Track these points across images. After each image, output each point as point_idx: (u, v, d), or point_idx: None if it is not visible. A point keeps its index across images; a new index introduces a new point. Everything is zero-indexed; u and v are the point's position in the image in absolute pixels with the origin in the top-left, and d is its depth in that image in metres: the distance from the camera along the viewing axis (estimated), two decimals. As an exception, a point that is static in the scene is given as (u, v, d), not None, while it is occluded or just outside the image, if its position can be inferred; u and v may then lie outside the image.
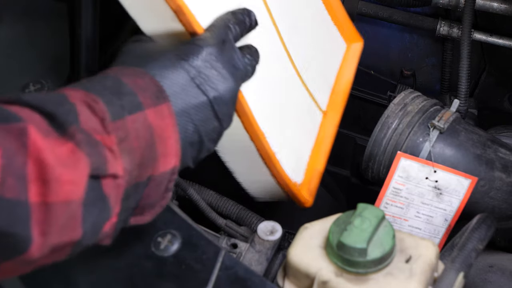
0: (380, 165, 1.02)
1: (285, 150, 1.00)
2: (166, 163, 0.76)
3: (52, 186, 0.63)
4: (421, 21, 1.43)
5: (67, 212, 0.65)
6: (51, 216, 0.63)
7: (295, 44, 1.07)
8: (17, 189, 0.61)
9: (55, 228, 0.64)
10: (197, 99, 0.79)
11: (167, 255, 0.85)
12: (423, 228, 0.99)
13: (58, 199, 0.63)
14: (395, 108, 1.03)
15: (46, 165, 0.62)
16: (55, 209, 0.63)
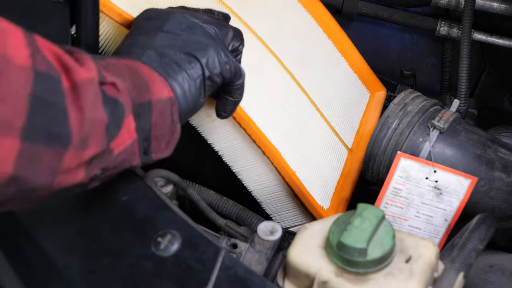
0: (380, 165, 1.02)
1: (314, 182, 1.10)
2: (159, 90, 0.84)
3: (75, 70, 0.72)
4: (421, 21, 1.43)
5: (93, 90, 0.73)
6: (81, 92, 0.71)
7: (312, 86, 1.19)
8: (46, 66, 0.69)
9: (87, 103, 0.72)
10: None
11: (167, 255, 0.85)
12: (423, 228, 0.99)
13: (83, 77, 0.72)
14: (395, 108, 1.02)
15: (63, 57, 0.72)
16: (83, 86, 0.72)
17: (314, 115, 1.16)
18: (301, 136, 1.13)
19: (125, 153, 0.80)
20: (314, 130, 1.15)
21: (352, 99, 1.25)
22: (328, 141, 1.16)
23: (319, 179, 1.11)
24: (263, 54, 1.16)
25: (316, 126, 1.16)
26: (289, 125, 1.12)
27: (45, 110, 0.69)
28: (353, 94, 1.27)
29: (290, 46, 1.21)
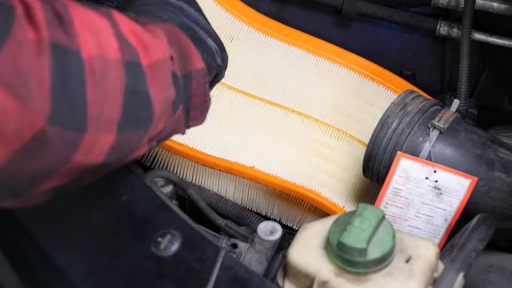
0: (380, 165, 1.02)
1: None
2: (197, 61, 0.87)
3: (151, 48, 0.74)
4: (421, 21, 1.43)
5: (166, 69, 0.77)
6: (159, 72, 0.75)
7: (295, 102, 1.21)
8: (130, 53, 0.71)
9: (163, 83, 0.76)
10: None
11: (167, 255, 0.85)
12: (423, 228, 0.99)
13: (159, 57, 0.75)
14: (395, 108, 1.02)
15: (141, 34, 0.74)
16: (159, 65, 0.75)
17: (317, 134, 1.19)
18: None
19: (175, 124, 0.83)
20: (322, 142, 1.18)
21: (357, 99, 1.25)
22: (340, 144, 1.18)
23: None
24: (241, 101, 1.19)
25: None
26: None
27: (134, 99, 0.71)
28: (362, 94, 1.26)
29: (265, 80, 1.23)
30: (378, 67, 1.30)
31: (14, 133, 0.61)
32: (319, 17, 1.51)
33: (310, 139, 1.17)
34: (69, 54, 0.64)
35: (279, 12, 1.53)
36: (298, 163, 1.13)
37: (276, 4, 1.53)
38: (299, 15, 1.52)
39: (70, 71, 0.64)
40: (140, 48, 0.73)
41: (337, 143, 1.17)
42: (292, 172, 1.12)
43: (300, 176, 1.11)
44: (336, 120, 1.20)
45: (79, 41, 0.65)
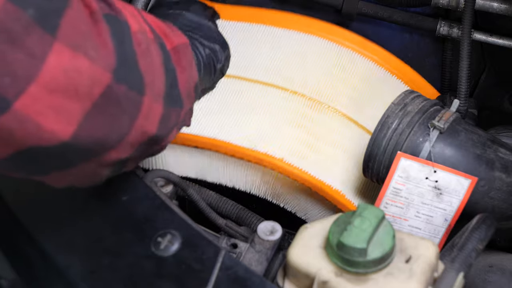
0: (380, 165, 1.02)
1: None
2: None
3: (172, 36, 0.81)
4: (421, 21, 1.43)
5: (189, 52, 0.84)
6: (181, 54, 0.81)
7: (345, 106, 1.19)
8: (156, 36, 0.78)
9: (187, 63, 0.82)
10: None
11: (167, 255, 0.85)
12: (423, 228, 0.99)
13: (180, 41, 0.82)
14: (395, 108, 1.02)
15: (162, 26, 0.82)
16: (181, 48, 0.82)
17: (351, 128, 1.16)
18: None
19: (191, 104, 0.90)
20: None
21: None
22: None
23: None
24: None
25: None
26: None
27: (169, 75, 0.78)
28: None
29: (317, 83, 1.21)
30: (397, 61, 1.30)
31: (86, 90, 0.65)
32: (319, 17, 1.51)
33: (337, 134, 1.14)
34: (121, 23, 0.70)
35: (279, 12, 1.53)
36: (324, 158, 1.11)
37: (276, 4, 1.53)
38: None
39: (125, 37, 0.70)
40: (162, 35, 0.80)
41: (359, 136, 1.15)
42: (319, 168, 1.09)
43: (324, 173, 1.09)
44: (363, 115, 1.17)
45: (125, 17, 0.72)
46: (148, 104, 0.73)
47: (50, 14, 0.61)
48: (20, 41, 0.59)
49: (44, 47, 0.61)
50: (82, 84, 0.64)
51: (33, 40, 0.60)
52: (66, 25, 0.62)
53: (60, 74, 0.62)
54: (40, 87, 0.61)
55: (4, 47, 0.59)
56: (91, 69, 0.65)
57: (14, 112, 0.61)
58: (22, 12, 0.59)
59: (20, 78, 0.60)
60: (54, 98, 0.63)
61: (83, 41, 0.64)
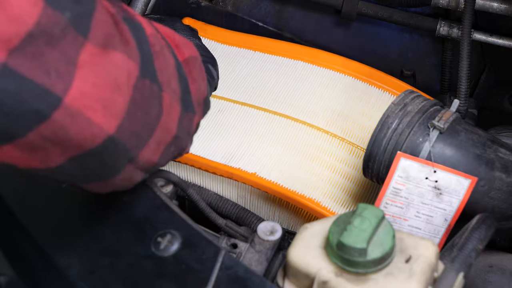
0: (380, 165, 1.02)
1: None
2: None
3: (183, 47, 0.84)
4: (421, 21, 1.43)
5: (199, 64, 0.86)
6: (191, 66, 0.84)
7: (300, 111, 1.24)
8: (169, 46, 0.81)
9: (197, 75, 0.85)
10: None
11: (167, 255, 0.85)
12: (423, 228, 0.99)
13: (190, 54, 0.84)
14: (395, 108, 1.02)
15: (174, 36, 0.84)
16: (191, 60, 0.84)
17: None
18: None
19: (200, 116, 0.91)
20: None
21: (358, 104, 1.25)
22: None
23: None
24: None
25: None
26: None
27: (182, 81, 0.80)
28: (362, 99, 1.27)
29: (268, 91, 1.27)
30: (378, 72, 1.30)
31: (125, 82, 0.69)
32: (319, 17, 1.51)
33: (311, 147, 1.18)
34: (137, 25, 0.73)
35: (279, 12, 1.53)
36: (298, 170, 1.14)
37: (276, 4, 1.53)
38: (299, 15, 1.52)
39: (141, 37, 0.73)
40: (175, 47, 0.82)
41: (338, 151, 1.18)
42: (293, 180, 1.13)
43: (300, 184, 1.12)
44: (337, 128, 1.20)
45: (139, 20, 0.75)
46: (168, 100, 0.76)
47: (82, 16, 0.65)
48: (57, 43, 0.62)
49: (76, 48, 0.64)
50: (120, 76, 0.68)
51: (68, 41, 0.63)
52: (95, 27, 0.65)
53: (97, 69, 0.66)
54: (83, 82, 0.64)
55: (44, 49, 0.61)
56: (124, 61, 0.69)
57: (65, 107, 0.64)
58: (60, 16, 0.62)
59: (63, 75, 0.63)
60: (99, 91, 0.66)
61: (111, 40, 0.68)
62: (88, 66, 0.65)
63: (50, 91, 0.62)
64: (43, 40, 0.61)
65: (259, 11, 1.54)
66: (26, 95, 0.61)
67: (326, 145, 1.18)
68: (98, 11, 0.67)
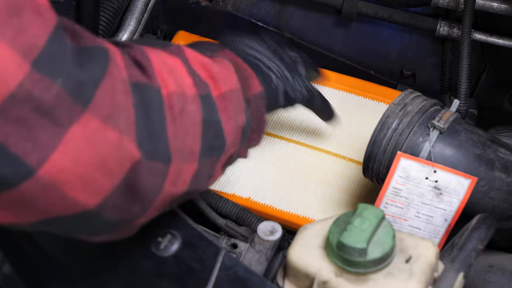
0: (380, 165, 1.02)
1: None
2: (254, 85, 0.91)
3: (219, 81, 0.78)
4: (421, 21, 1.43)
5: (237, 98, 0.81)
6: (227, 101, 0.79)
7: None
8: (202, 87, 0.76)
9: (233, 111, 0.80)
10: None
11: (167, 255, 0.85)
12: (423, 228, 0.99)
13: (227, 89, 0.79)
14: (395, 108, 1.02)
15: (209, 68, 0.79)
16: (229, 95, 0.80)
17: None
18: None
19: (237, 147, 0.87)
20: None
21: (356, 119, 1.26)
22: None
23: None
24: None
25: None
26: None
27: (210, 129, 0.76)
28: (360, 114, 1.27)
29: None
30: (371, 84, 1.31)
31: (116, 164, 0.64)
32: (319, 17, 1.51)
33: (305, 165, 1.18)
34: (150, 91, 0.68)
35: (279, 12, 1.53)
36: (293, 190, 1.15)
37: (276, 4, 1.53)
38: (299, 15, 1.52)
39: (151, 105, 0.68)
40: (210, 81, 0.77)
41: (332, 166, 1.18)
42: (287, 200, 1.13)
43: (295, 204, 1.13)
44: (332, 143, 1.20)
45: (158, 80, 0.69)
46: (176, 168, 0.71)
47: (84, 85, 0.60)
48: (48, 110, 0.59)
49: (71, 117, 0.60)
50: (111, 157, 0.63)
51: (62, 110, 0.59)
52: (100, 96, 0.61)
53: (84, 145, 0.61)
54: (63, 156, 0.60)
55: (30, 115, 0.58)
56: (119, 141, 0.64)
57: (38, 180, 0.60)
58: (50, 82, 0.58)
59: (43, 145, 0.59)
60: (80, 168, 0.62)
61: (116, 112, 0.63)
62: (77, 140, 0.61)
63: (22, 161, 0.58)
64: (29, 106, 0.57)
65: (259, 11, 1.54)
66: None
67: (320, 162, 1.18)
68: (112, 76, 0.62)
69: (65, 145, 0.60)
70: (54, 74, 0.59)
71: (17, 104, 0.57)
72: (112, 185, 0.65)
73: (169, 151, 0.69)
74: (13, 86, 0.56)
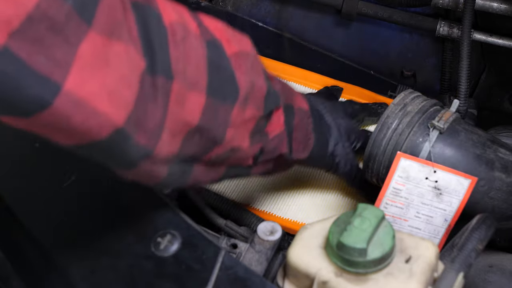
0: (380, 165, 1.02)
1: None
2: (300, 101, 0.96)
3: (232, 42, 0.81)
4: (421, 21, 1.43)
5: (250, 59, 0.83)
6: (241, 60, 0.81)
7: None
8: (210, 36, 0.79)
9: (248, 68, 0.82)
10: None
11: (167, 255, 0.85)
12: (422, 228, 0.99)
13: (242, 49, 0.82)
14: (394, 108, 1.02)
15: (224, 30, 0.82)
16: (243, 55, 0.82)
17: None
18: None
19: (277, 139, 0.90)
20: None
21: None
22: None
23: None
24: None
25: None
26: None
27: (218, 71, 0.78)
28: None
29: None
30: (367, 91, 1.31)
31: (130, 74, 0.67)
32: (319, 17, 1.51)
33: (301, 173, 1.18)
34: (150, 12, 0.71)
35: (279, 12, 1.53)
36: (291, 198, 1.15)
37: (276, 4, 1.53)
38: (299, 15, 1.52)
39: (151, 24, 0.70)
40: (224, 41, 0.80)
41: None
42: (286, 206, 1.14)
43: (293, 211, 1.13)
44: None
45: (159, 7, 0.72)
46: (180, 89, 0.73)
47: (87, 3, 0.63)
48: (60, 28, 0.61)
49: (79, 35, 0.63)
50: (124, 68, 0.66)
51: (71, 27, 0.62)
52: (101, 14, 0.64)
53: (96, 60, 0.64)
54: (81, 70, 0.63)
55: (46, 34, 0.60)
56: (127, 52, 0.67)
57: (67, 95, 0.63)
58: (62, 1, 0.61)
59: (60, 62, 0.62)
60: (100, 81, 0.65)
61: (118, 28, 0.66)
62: (90, 55, 0.64)
63: (48, 78, 0.61)
64: (44, 25, 0.60)
65: (259, 11, 1.54)
66: (24, 80, 0.60)
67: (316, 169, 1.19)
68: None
69: (80, 60, 0.63)
70: None
71: (34, 24, 0.59)
72: (134, 96, 0.68)
73: (171, 69, 0.72)
74: (31, 6, 0.59)
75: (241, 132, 0.83)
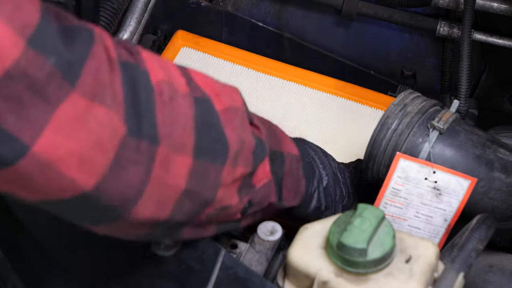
0: (379, 166, 1.02)
1: None
2: (289, 146, 0.93)
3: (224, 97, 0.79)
4: (421, 21, 1.43)
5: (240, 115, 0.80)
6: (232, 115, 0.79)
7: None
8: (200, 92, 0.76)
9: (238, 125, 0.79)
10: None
11: (167, 255, 0.85)
12: (422, 228, 0.99)
13: (232, 104, 0.79)
14: (394, 109, 1.02)
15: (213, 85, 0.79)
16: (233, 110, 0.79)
17: None
18: None
19: (263, 189, 0.86)
20: None
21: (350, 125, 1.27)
22: None
23: None
24: None
25: None
26: None
27: (207, 130, 0.75)
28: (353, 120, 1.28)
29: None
30: (369, 91, 1.31)
31: (108, 140, 0.65)
32: (319, 17, 1.51)
33: None
34: (138, 72, 0.68)
35: (279, 12, 1.53)
36: None
37: (276, 4, 1.53)
38: (299, 15, 1.52)
39: (139, 85, 0.68)
40: (214, 96, 0.77)
41: None
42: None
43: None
44: (329, 151, 1.21)
45: (146, 65, 0.70)
46: (165, 153, 0.70)
47: (73, 64, 0.62)
48: (40, 88, 0.60)
49: (60, 95, 0.61)
50: (102, 133, 0.64)
51: (52, 87, 0.60)
52: (86, 75, 0.62)
53: (75, 122, 0.62)
54: (55, 133, 0.61)
55: (24, 93, 0.59)
56: (108, 117, 0.64)
57: (33, 157, 0.61)
58: (44, 60, 0.59)
59: (35, 122, 0.60)
60: (74, 145, 0.62)
61: (101, 90, 0.64)
62: (68, 117, 0.61)
63: (16, 138, 0.59)
64: (23, 84, 0.58)
65: (259, 11, 1.54)
66: None
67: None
68: (95, 57, 0.63)
69: (56, 121, 0.61)
70: (48, 53, 0.60)
71: (12, 81, 0.58)
72: (107, 162, 0.65)
73: (156, 133, 0.69)
74: (9, 64, 0.57)
75: (230, 189, 0.81)
